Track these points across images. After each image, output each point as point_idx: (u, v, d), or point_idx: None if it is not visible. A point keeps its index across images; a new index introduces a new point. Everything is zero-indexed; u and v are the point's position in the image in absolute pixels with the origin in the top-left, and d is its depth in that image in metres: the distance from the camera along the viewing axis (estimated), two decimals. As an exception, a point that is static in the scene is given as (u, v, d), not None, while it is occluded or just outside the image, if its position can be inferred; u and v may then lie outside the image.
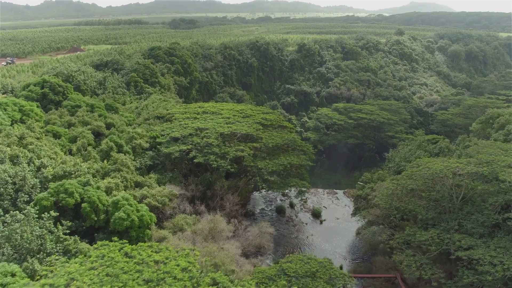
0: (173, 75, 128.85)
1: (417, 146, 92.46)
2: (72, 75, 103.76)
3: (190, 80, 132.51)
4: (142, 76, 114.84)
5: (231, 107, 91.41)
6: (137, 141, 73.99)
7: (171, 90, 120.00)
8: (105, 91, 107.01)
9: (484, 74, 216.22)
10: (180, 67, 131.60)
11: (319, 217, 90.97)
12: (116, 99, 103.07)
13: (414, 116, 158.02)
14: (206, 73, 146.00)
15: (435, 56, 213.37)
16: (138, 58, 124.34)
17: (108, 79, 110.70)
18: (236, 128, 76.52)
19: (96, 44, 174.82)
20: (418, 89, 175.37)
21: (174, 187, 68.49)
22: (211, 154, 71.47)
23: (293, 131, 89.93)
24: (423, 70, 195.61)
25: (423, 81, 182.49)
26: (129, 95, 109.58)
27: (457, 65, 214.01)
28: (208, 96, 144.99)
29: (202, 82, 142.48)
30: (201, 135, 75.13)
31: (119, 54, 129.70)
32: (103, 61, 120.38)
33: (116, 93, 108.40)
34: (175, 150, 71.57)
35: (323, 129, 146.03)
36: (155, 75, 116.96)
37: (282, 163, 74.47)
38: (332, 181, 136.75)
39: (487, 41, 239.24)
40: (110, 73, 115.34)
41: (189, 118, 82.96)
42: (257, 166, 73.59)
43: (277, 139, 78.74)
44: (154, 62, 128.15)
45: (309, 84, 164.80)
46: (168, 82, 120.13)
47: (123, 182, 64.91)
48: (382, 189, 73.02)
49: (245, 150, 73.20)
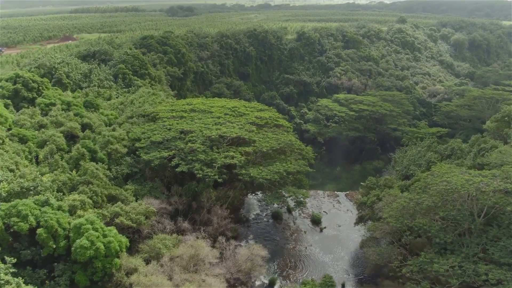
0: (166, 66, 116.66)
1: (427, 147, 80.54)
2: (54, 67, 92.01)
3: (184, 71, 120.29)
4: (131, 67, 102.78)
5: (223, 104, 79.51)
6: (113, 146, 62.42)
7: (162, 82, 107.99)
8: (90, 84, 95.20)
9: (488, 63, 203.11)
10: (173, 57, 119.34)
11: (319, 224, 79.55)
12: (101, 93, 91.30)
13: (417, 107, 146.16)
14: (202, 63, 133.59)
15: (437, 45, 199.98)
16: (128, 48, 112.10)
17: (94, 71, 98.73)
18: (226, 131, 64.74)
19: (90, 32, 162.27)
20: (421, 79, 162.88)
21: (154, 200, 57.15)
22: (196, 161, 60.01)
23: (290, 130, 78.01)
24: (426, 59, 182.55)
25: (425, 71, 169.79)
26: (116, 88, 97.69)
27: (460, 54, 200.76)
28: (204, 87, 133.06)
29: (198, 72, 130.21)
30: (185, 138, 63.54)
31: (108, 43, 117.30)
32: (90, 52, 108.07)
33: (103, 86, 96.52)
34: (155, 157, 60.11)
35: (323, 121, 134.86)
36: (145, 66, 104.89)
37: (278, 170, 62.88)
38: (332, 175, 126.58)
39: (491, 29, 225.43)
40: (97, 64, 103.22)
41: (175, 117, 71.27)
42: (249, 174, 62.01)
43: (272, 142, 67.01)
44: (146, 52, 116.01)
45: (309, 74, 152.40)
46: (159, 74, 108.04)
47: (93, 197, 53.49)
48: (391, 201, 61.61)
49: (236, 156, 61.66)
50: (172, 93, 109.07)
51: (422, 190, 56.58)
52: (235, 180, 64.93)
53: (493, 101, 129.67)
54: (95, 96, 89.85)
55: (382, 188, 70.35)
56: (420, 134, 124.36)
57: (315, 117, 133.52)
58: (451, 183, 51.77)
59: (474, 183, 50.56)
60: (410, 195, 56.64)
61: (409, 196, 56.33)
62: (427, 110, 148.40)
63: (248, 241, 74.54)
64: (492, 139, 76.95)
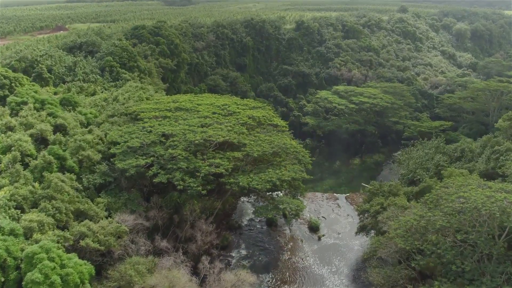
0: (158, 57, 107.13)
1: (435, 148, 71.31)
2: (37, 60, 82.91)
3: (177, 62, 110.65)
4: (119, 60, 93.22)
5: (212, 101, 70.10)
6: (85, 153, 53.32)
7: (153, 75, 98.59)
8: (74, 78, 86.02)
9: (490, 53, 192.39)
10: (166, 48, 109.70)
11: (317, 232, 70.66)
12: (84, 88, 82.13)
13: (418, 99, 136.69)
14: (197, 54, 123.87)
15: (439, 35, 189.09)
16: (117, 39, 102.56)
17: (79, 64, 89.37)
18: (212, 134, 55.44)
19: (83, 22, 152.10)
20: (423, 69, 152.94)
21: (128, 216, 48.21)
22: (177, 170, 50.98)
23: (286, 129, 68.53)
24: (427, 49, 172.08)
25: (427, 61, 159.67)
26: (102, 82, 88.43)
27: (462, 44, 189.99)
28: (199, 79, 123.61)
29: (192, 64, 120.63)
30: (166, 143, 54.47)
31: (96, 34, 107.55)
32: (76, 43, 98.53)
33: (88, 80, 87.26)
34: (131, 165, 51.04)
35: (322, 113, 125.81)
36: (134, 58, 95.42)
37: (270, 178, 53.76)
38: (331, 169, 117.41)
39: (493, 19, 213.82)
40: (83, 56, 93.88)
41: (158, 117, 62.03)
42: (238, 182, 52.99)
43: (265, 146, 57.78)
44: (137, 43, 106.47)
45: (307, 65, 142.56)
46: (150, 66, 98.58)
47: (56, 215, 44.58)
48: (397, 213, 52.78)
49: (223, 163, 52.56)
50: (163, 86, 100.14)
51: (434, 205, 47.67)
52: (223, 188, 55.90)
53: (498, 93, 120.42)
54: (78, 91, 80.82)
55: (387, 195, 61.39)
56: (422, 128, 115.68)
57: (314, 110, 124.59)
58: (470, 200, 42.81)
59: (497, 201, 41.61)
60: (420, 211, 47.65)
61: (419, 212, 47.32)
62: (428, 102, 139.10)
63: (240, 251, 66.04)
64: (505, 139, 67.62)
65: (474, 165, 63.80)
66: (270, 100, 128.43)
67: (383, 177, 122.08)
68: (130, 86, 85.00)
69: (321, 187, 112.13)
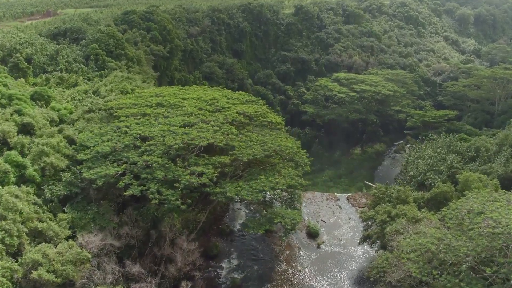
0: (150, 44, 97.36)
1: (447, 147, 62.02)
2: (15, 48, 73.51)
3: (170, 49, 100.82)
4: (105, 47, 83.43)
5: (200, 95, 60.46)
6: (48, 159, 44.25)
7: (142, 63, 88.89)
8: (56, 68, 76.70)
9: (493, 39, 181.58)
10: (158, 34, 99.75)
11: (315, 238, 61.64)
12: (65, 79, 72.78)
13: (421, 86, 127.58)
14: (191, 40, 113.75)
15: (442, 20, 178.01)
16: (104, 25, 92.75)
17: (62, 52, 79.79)
18: (195, 136, 46.06)
19: (76, 7, 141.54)
20: (425, 56, 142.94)
21: (94, 237, 39.30)
22: (152, 181, 41.94)
23: (281, 127, 59.15)
24: (430, 35, 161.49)
25: (430, 47, 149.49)
26: (87, 71, 78.99)
27: (465, 29, 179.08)
28: (194, 66, 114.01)
29: (187, 50, 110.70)
30: (141, 148, 45.27)
31: (83, 20, 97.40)
32: (61, 30, 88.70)
33: (71, 69, 77.92)
34: (99, 174, 41.95)
35: (322, 101, 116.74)
36: (121, 45, 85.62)
37: (262, 187, 44.73)
38: (331, 159, 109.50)
39: (496, 4, 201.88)
40: (67, 44, 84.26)
41: (136, 115, 52.66)
42: (225, 193, 44.01)
43: (257, 148, 48.40)
44: (127, 29, 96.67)
45: (307, 51, 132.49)
46: (139, 54, 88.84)
47: (5, 239, 35.76)
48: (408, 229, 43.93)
49: (207, 171, 43.49)
50: (154, 75, 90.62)
51: (454, 223, 38.69)
52: (208, 199, 46.88)
53: (504, 81, 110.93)
54: (57, 82, 71.61)
55: (394, 201, 52.40)
56: (426, 117, 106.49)
57: (314, 98, 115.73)
58: (501, 224, 33.89)
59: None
60: (438, 232, 38.69)
61: (437, 234, 38.35)
62: (431, 90, 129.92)
63: (231, 261, 57.39)
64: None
65: (491, 167, 54.74)
66: (268, 88, 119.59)
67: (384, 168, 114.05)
68: (116, 76, 75.74)
69: (320, 178, 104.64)
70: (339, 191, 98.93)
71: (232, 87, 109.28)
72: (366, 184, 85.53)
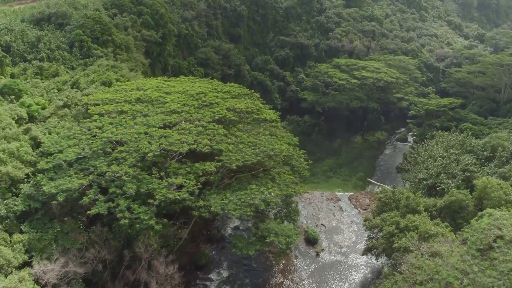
0: (141, 29, 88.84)
1: (460, 145, 53.96)
2: (-8, 35, 65.45)
3: (163, 34, 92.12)
4: (91, 33, 75.10)
5: (186, 88, 52.08)
6: (3, 168, 36.45)
7: (131, 50, 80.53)
8: (37, 56, 68.67)
9: (497, 24, 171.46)
10: (149, 18, 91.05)
11: (314, 245, 54.06)
12: (44, 68, 64.77)
13: (424, 72, 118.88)
14: (186, 25, 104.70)
15: (445, 4, 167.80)
16: (92, 9, 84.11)
17: (44, 39, 71.57)
18: (175, 141, 38.03)
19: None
20: (428, 41, 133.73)
21: (53, 262, 31.79)
22: (122, 196, 34.21)
23: (277, 125, 50.99)
24: (433, 19, 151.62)
25: (433, 32, 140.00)
26: (70, 60, 70.97)
27: (468, 14, 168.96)
28: (189, 52, 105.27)
29: (181, 35, 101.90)
30: (112, 155, 37.32)
31: (69, 4, 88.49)
32: (45, 14, 79.96)
33: (53, 58, 69.87)
34: (61, 188, 34.20)
35: (322, 88, 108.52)
36: (108, 31, 77.11)
37: (252, 200, 36.96)
38: (331, 148, 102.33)
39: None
40: (51, 30, 75.86)
41: (112, 112, 44.61)
42: (208, 207, 36.35)
43: (247, 152, 40.55)
44: (117, 14, 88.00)
45: (306, 36, 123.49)
46: (127, 40, 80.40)
47: None
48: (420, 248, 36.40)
49: (187, 183, 35.69)
50: (145, 62, 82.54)
51: (478, 248, 31.10)
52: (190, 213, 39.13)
53: (511, 68, 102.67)
54: (36, 72, 63.72)
55: (403, 210, 44.72)
56: (430, 106, 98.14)
57: (313, 84, 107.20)
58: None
59: None
60: (461, 263, 30.97)
61: (460, 265, 30.63)
62: (434, 76, 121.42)
63: (221, 271, 50.02)
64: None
65: (511, 170, 46.96)
66: (266, 74, 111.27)
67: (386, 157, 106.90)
68: (100, 65, 67.74)
69: (320, 168, 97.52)
70: (339, 182, 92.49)
71: (229, 73, 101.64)
72: (369, 181, 77.82)
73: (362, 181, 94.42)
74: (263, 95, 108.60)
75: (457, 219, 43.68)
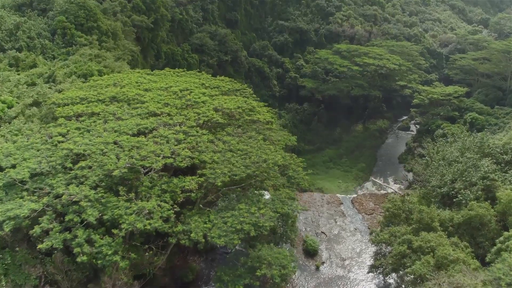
0: (131, 14, 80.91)
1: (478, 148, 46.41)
2: (-34, 22, 57.70)
3: (155, 19, 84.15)
4: (74, 19, 67.20)
5: (170, 83, 44.30)
6: None
7: (119, 37, 72.68)
8: (15, 45, 60.98)
9: (501, 9, 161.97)
10: (140, 2, 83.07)
11: (314, 257, 47.02)
12: (20, 59, 57.07)
13: (427, 58, 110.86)
14: (180, 9, 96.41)
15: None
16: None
17: (24, 26, 63.65)
18: (148, 153, 30.51)
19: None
20: (431, 25, 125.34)
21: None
22: (80, 225, 27.06)
23: (273, 125, 43.32)
24: (436, 3, 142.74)
25: (436, 17, 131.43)
26: (52, 49, 63.37)
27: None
28: (183, 37, 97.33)
29: (175, 20, 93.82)
30: (72, 172, 29.90)
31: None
32: (26, 0, 72.01)
33: (33, 46, 62.22)
34: (8, 216, 26.98)
35: (322, 75, 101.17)
36: (93, 17, 69.15)
37: (240, 225, 29.70)
38: (331, 137, 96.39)
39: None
40: (33, 16, 67.91)
41: (81, 115, 37.07)
42: (188, 232, 29.29)
43: (237, 164, 33.07)
44: (105, -2, 79.93)
45: (306, 20, 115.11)
46: (115, 26, 72.46)
47: None
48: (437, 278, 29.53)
49: (162, 206, 28.49)
50: (135, 49, 74.80)
51: None
52: (167, 240, 32.01)
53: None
54: (11, 63, 56.13)
55: (416, 226, 37.66)
56: (435, 94, 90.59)
57: (313, 71, 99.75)
58: None
59: None
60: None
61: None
62: (437, 62, 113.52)
63: (210, 287, 43.25)
64: None
65: None
66: (264, 60, 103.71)
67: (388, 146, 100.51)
68: (83, 54, 60.12)
69: (320, 158, 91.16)
70: (340, 173, 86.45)
71: (225, 60, 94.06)
72: (374, 181, 70.97)
73: (363, 172, 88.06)
74: (261, 82, 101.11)
75: (477, 237, 36.79)
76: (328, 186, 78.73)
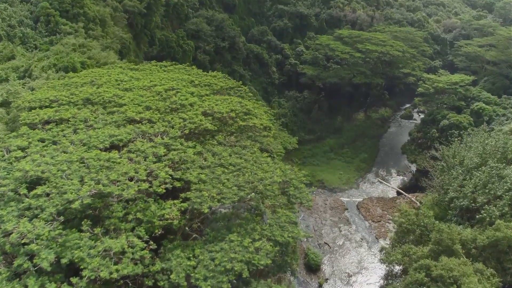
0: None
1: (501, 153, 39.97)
2: None
3: (148, 4, 77.08)
4: (59, 5, 60.42)
5: (155, 80, 37.60)
6: None
7: (108, 24, 65.82)
8: (-6, 34, 54.29)
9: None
10: (132, -14, 76.02)
11: (317, 272, 41.16)
12: (-3, 50, 50.53)
13: (431, 44, 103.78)
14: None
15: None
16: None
17: (3, 14, 56.88)
18: (120, 175, 24.19)
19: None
20: (435, 10, 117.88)
21: None
22: (31, 271, 20.99)
23: (271, 134, 36.64)
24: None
25: (439, 1, 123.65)
26: (34, 38, 56.67)
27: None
28: (179, 22, 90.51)
29: (170, 5, 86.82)
30: (26, 201, 23.66)
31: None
32: (8, -18, 64.85)
33: (14, 35, 55.54)
34: None
35: (323, 62, 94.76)
36: (79, 3, 62.21)
37: (230, 263, 23.66)
38: (332, 126, 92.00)
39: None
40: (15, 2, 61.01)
41: (48, 122, 30.61)
42: (168, 271, 23.36)
43: (227, 184, 26.82)
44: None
45: (306, 4, 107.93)
46: (103, 13, 65.50)
47: None
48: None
49: (136, 246, 22.43)
50: (125, 36, 68.18)
51: None
52: (143, 280, 26.07)
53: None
54: (-15, 54, 49.54)
55: (435, 248, 31.67)
56: (440, 83, 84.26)
57: (313, 58, 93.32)
58: None
59: None
60: None
61: None
62: (441, 48, 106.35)
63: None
64: None
65: None
66: (263, 46, 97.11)
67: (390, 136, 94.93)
68: (66, 44, 53.36)
69: (320, 148, 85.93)
70: (341, 164, 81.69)
71: (222, 46, 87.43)
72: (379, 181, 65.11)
73: (365, 163, 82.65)
74: (260, 69, 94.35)
75: (505, 261, 30.86)
76: (329, 178, 73.58)
